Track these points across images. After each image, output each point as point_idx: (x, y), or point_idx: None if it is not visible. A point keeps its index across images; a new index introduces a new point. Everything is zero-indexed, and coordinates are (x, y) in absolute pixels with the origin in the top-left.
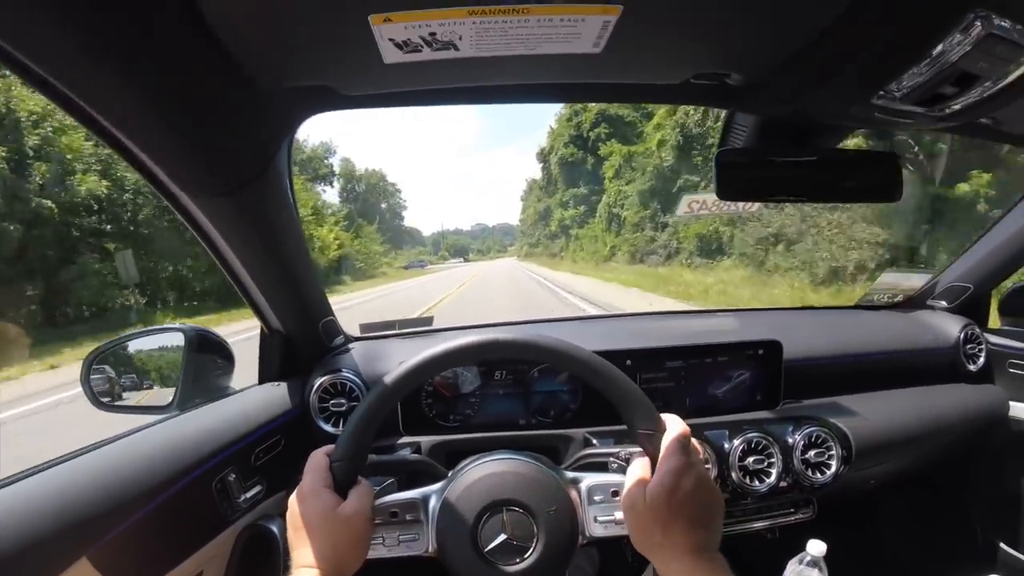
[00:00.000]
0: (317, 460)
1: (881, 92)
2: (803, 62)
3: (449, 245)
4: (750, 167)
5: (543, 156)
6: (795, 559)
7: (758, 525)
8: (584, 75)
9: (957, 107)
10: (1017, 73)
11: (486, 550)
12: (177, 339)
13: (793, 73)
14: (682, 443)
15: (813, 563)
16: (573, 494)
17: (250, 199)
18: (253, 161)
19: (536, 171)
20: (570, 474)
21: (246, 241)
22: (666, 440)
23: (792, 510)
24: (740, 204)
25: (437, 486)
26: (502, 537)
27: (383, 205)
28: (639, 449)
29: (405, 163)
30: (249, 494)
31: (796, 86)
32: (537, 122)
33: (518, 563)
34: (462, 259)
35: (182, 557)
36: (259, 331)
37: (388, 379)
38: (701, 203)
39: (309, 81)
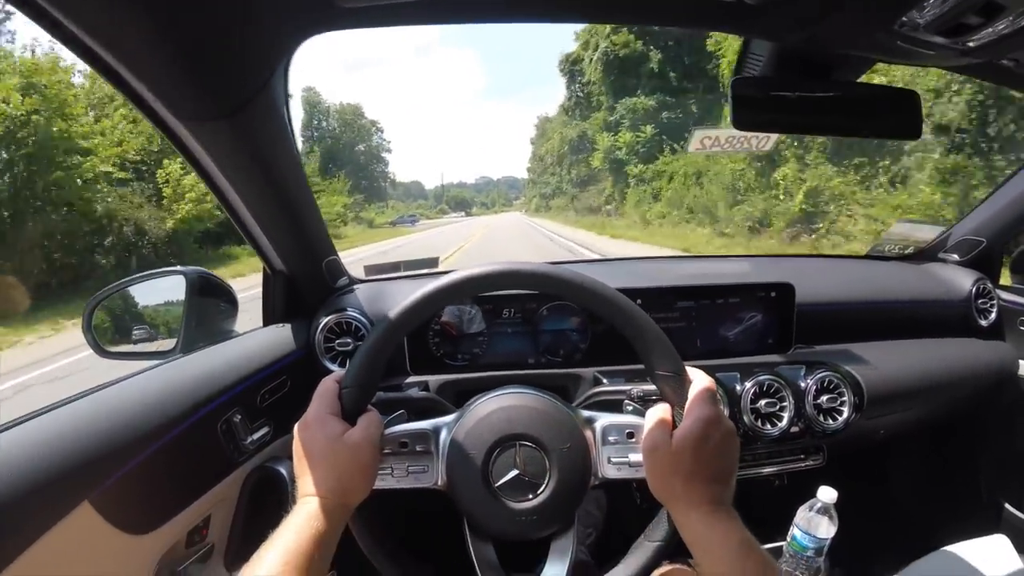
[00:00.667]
0: (326, 387)
1: (903, 19)
2: None
3: (450, 198)
4: (767, 97)
5: (569, 66)
6: (805, 505)
7: (768, 471)
8: None
9: (981, 41)
10: None
11: (496, 485)
12: (178, 282)
13: None
14: (712, 394)
15: (824, 510)
16: (587, 433)
17: (244, 125)
18: (246, 83)
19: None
20: (585, 413)
21: (241, 170)
22: (695, 389)
23: (803, 456)
24: (753, 141)
25: (449, 418)
26: (514, 472)
27: (360, 147)
28: (652, 387)
29: (406, 114)
30: (256, 436)
31: (814, 7)
32: (544, 73)
33: (529, 499)
34: (463, 213)
35: (189, 500)
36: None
37: (401, 306)
38: (713, 139)
39: None
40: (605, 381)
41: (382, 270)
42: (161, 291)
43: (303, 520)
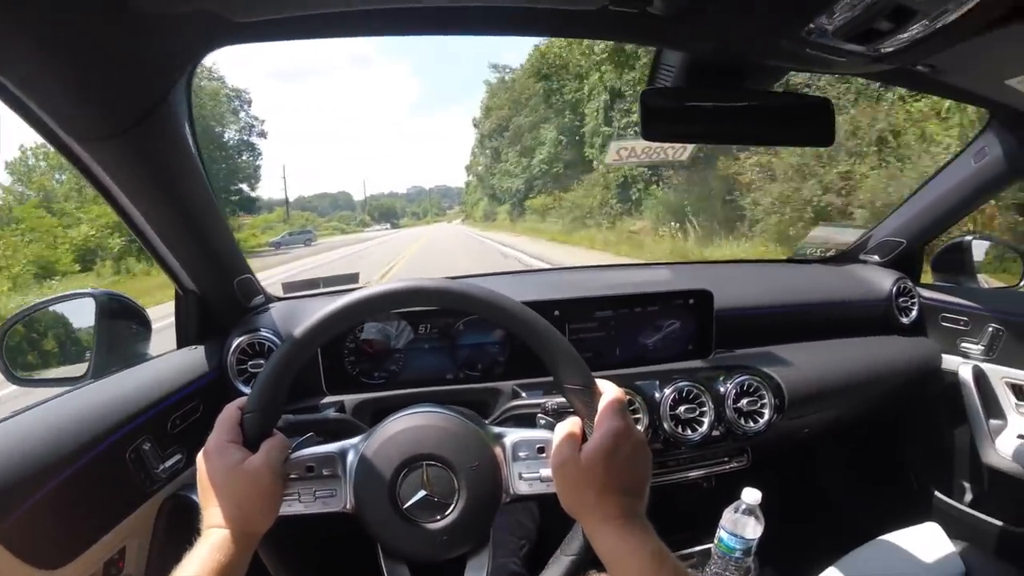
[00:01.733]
0: (227, 413)
1: (811, 26)
2: None
3: (374, 208)
4: (678, 107)
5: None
6: (730, 507)
7: (694, 474)
8: None
9: (893, 47)
10: (957, 13)
11: (405, 507)
12: (88, 305)
13: (719, 0)
14: (621, 406)
15: (749, 511)
16: (497, 450)
17: (140, 142)
18: (141, 101)
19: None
20: (494, 429)
21: (141, 189)
22: (604, 401)
23: (726, 459)
24: (670, 152)
25: (355, 440)
26: (421, 493)
27: (230, 131)
28: (564, 400)
29: (337, 124)
30: (168, 463)
31: (722, 16)
32: (473, 86)
33: (438, 520)
34: (388, 225)
35: (102, 531)
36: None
37: (301, 328)
38: (630, 150)
39: (195, 4)
40: (524, 395)
41: (300, 287)
42: (72, 315)
43: (206, 552)
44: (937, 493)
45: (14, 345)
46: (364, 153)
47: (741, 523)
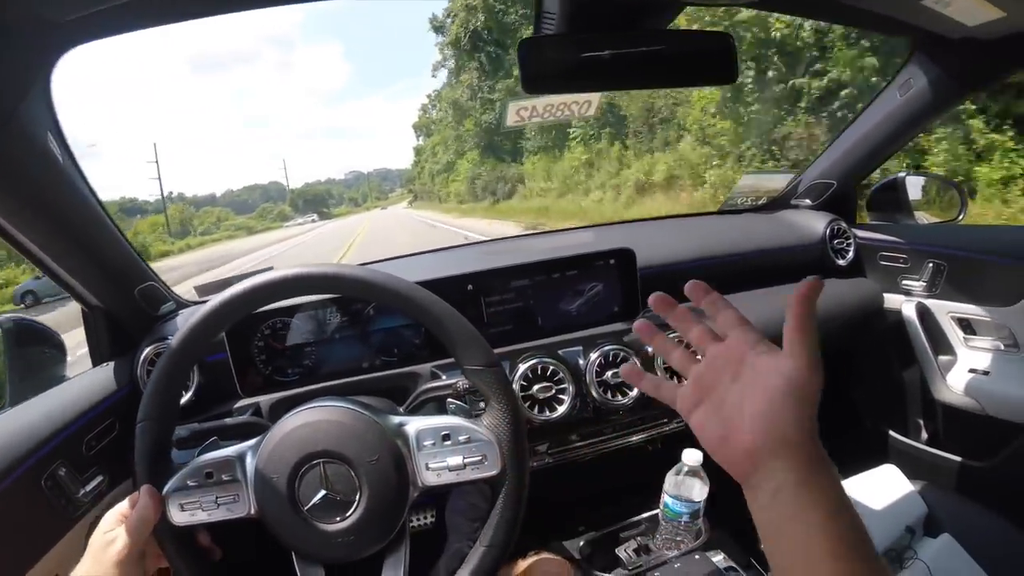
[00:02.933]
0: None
1: None
2: None
3: (299, 196)
4: (561, 56)
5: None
6: (673, 470)
7: (636, 439)
8: None
9: None
10: None
11: (306, 508)
12: None
13: None
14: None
15: (692, 472)
16: (399, 441)
17: None
18: None
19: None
20: (395, 419)
21: (11, 209)
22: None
23: (665, 420)
24: (574, 108)
25: (253, 442)
26: (321, 493)
27: None
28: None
29: (264, 113)
30: (89, 487)
31: None
32: (409, 67)
33: (341, 520)
34: (315, 216)
35: (30, 563)
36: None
37: (180, 332)
38: (530, 109)
39: (6, 11)
40: (443, 376)
41: (215, 289)
42: None
43: None
44: (892, 433)
45: None
46: (294, 141)
47: (686, 486)
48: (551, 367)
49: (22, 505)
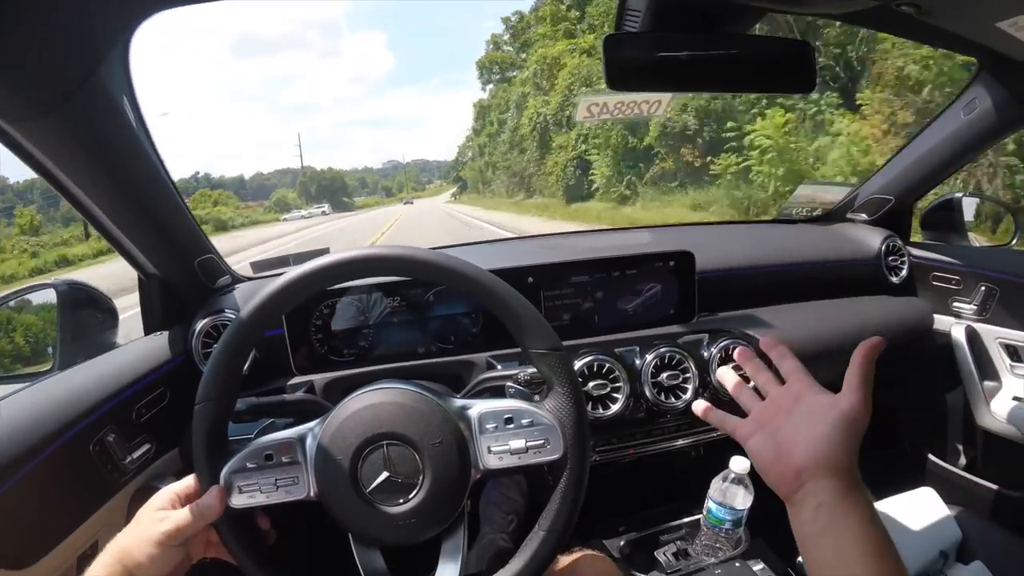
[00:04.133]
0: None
1: None
2: None
3: (310, 180)
4: (645, 55)
5: None
6: (719, 476)
7: (680, 443)
8: None
9: None
10: None
11: (368, 490)
12: (49, 297)
13: None
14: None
15: (738, 480)
16: (462, 424)
17: (73, 120)
18: (67, 75)
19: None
20: (458, 402)
21: (81, 169)
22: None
23: (712, 427)
24: (644, 107)
25: (313, 423)
26: (384, 475)
27: None
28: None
29: (305, 98)
30: (136, 454)
31: None
32: (456, 59)
33: (404, 503)
34: (324, 208)
35: (72, 527)
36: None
37: (246, 308)
38: (601, 105)
39: None
40: (499, 366)
41: (269, 265)
42: (34, 308)
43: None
44: (931, 457)
45: None
46: (333, 129)
47: (730, 493)
48: (607, 365)
49: (69, 469)
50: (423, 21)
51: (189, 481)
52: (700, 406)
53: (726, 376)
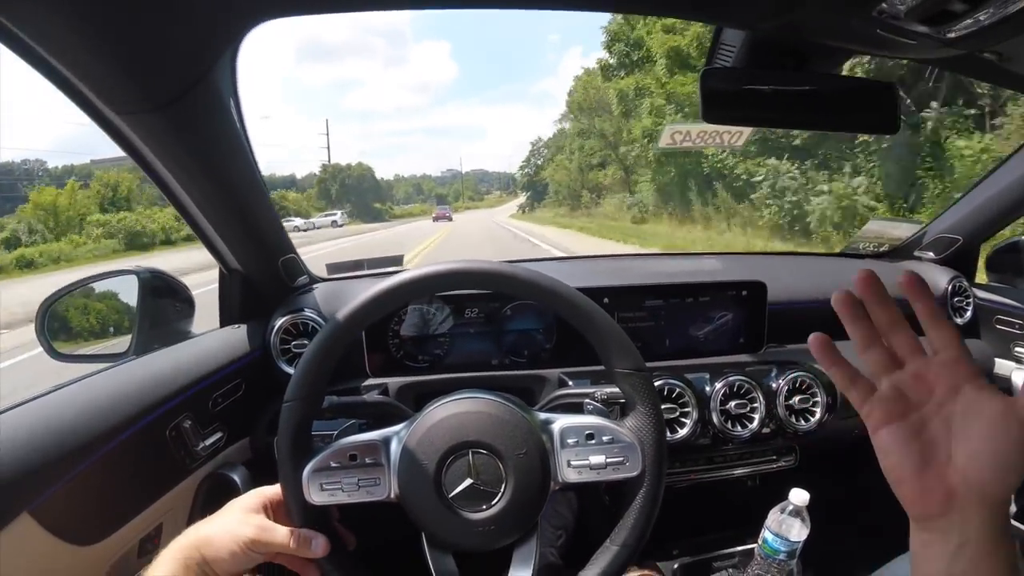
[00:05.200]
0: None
1: (883, 5)
2: None
3: (332, 176)
4: (739, 89)
5: None
6: (777, 507)
7: (739, 472)
8: None
9: (963, 31)
10: None
11: (451, 495)
12: (131, 283)
13: None
14: None
15: (796, 512)
16: (544, 437)
17: (182, 117)
18: (183, 75)
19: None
20: (541, 415)
21: (183, 164)
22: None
23: (774, 458)
24: (725, 137)
25: (399, 427)
26: (468, 482)
27: None
28: (616, 389)
29: (367, 104)
30: (208, 441)
31: None
32: (518, 71)
33: (485, 509)
34: (335, 218)
35: (139, 508)
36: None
37: (342, 312)
38: (684, 134)
39: None
40: (571, 383)
41: (344, 268)
42: (115, 292)
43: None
44: None
45: (56, 321)
46: (393, 136)
47: (787, 524)
48: (677, 389)
49: (145, 451)
50: (487, 31)
51: (278, 490)
52: (818, 340)
53: (843, 305)
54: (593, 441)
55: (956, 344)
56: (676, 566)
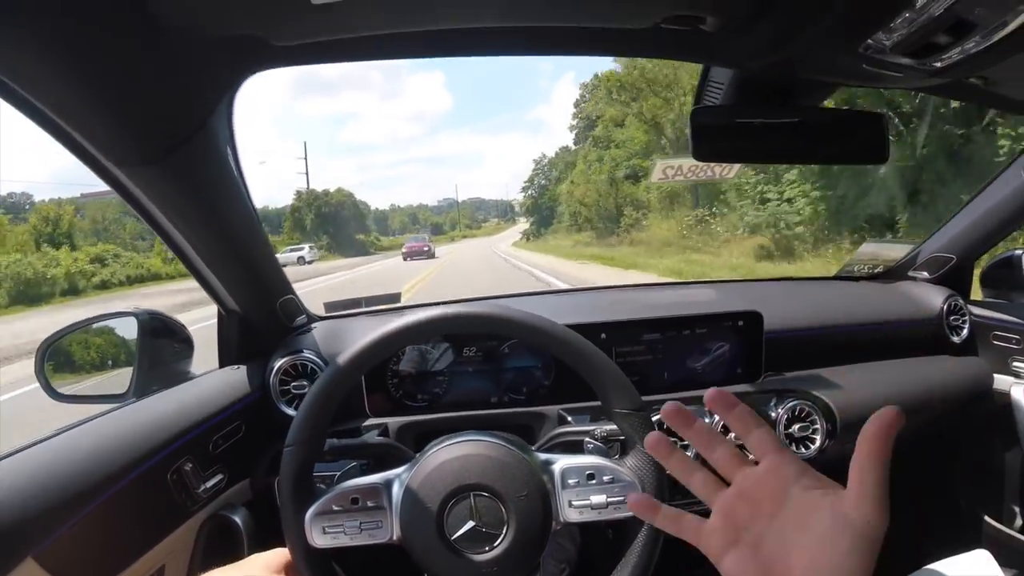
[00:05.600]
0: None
1: (869, 41)
2: (785, 3)
3: (307, 204)
4: (728, 127)
5: None
6: None
7: None
8: (545, 17)
9: (949, 61)
10: (1014, 24)
11: (453, 538)
12: (130, 324)
13: (774, 17)
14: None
15: None
16: (545, 478)
17: (180, 167)
18: (179, 127)
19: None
20: (542, 456)
21: (182, 213)
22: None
23: None
24: (716, 170)
25: (400, 470)
26: (470, 524)
27: None
28: (615, 427)
29: (361, 136)
30: (209, 484)
31: (777, 32)
32: (512, 101)
33: (487, 551)
34: (302, 252)
35: (140, 552)
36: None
37: (343, 357)
38: (676, 168)
39: (232, 29)
40: (570, 419)
41: (342, 306)
42: (113, 333)
43: None
44: (987, 519)
45: (55, 362)
46: (389, 167)
47: None
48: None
49: (146, 495)
50: (480, 62)
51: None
52: (637, 501)
53: (659, 447)
54: (594, 481)
55: (773, 447)
56: None
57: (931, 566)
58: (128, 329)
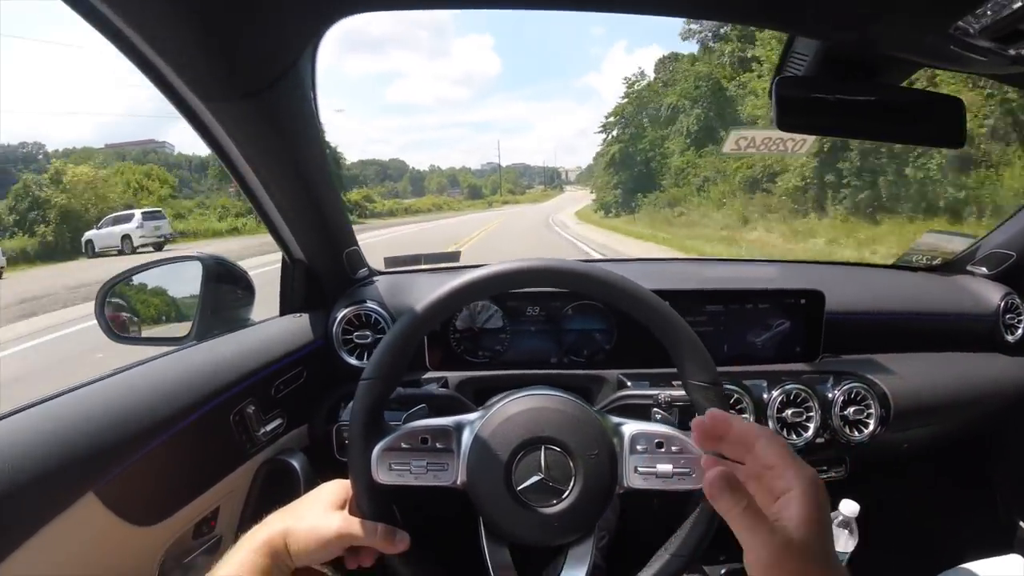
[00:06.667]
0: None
1: (959, 22)
2: None
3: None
4: (811, 99)
5: None
6: None
7: None
8: None
9: None
10: None
11: (519, 488)
12: (195, 269)
13: None
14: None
15: (844, 523)
16: (615, 440)
17: (268, 106)
18: (272, 64)
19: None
20: (613, 419)
21: (263, 154)
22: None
23: (825, 467)
24: (789, 144)
25: (472, 416)
26: (537, 476)
27: None
28: (679, 392)
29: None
30: (269, 427)
31: (869, 7)
32: (559, 68)
33: (552, 505)
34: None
35: (198, 492)
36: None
37: (427, 300)
38: (749, 140)
39: None
40: (629, 384)
41: (402, 262)
42: (177, 277)
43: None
44: (1022, 524)
45: (117, 303)
46: (436, 129)
47: (835, 535)
48: (735, 395)
49: (209, 435)
50: (529, 25)
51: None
52: (712, 477)
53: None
54: (662, 449)
55: (784, 454)
56: (724, 571)
57: (964, 566)
58: (193, 272)
